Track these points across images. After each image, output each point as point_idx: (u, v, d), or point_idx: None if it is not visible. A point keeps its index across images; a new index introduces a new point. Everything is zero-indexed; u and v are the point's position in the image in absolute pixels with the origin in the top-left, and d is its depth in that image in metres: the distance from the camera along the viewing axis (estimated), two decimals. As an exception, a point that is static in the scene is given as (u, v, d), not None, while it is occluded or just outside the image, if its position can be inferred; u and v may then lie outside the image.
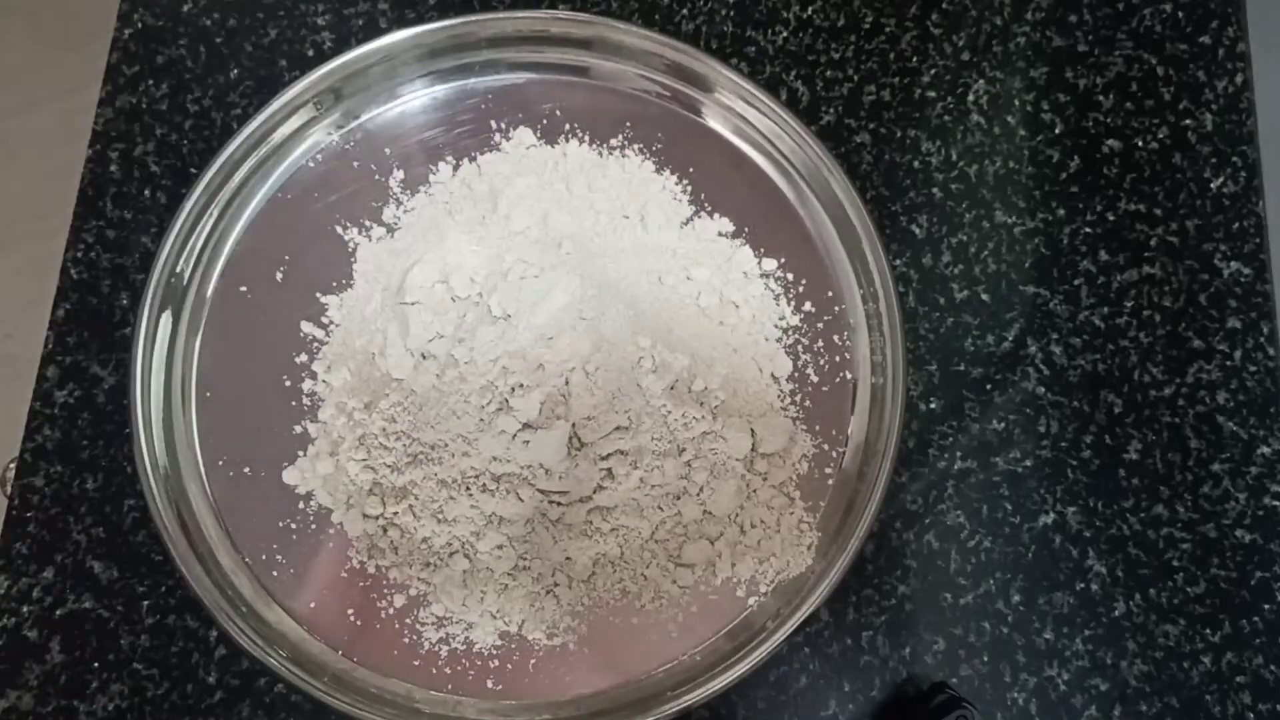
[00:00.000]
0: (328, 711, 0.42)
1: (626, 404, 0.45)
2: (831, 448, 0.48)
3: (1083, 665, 0.49)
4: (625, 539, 0.45)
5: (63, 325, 0.51)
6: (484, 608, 0.44)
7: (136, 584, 0.47)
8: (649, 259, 0.48)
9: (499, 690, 0.44)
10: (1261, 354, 0.53)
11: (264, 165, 0.49)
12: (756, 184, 0.51)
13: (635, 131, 0.51)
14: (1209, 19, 0.58)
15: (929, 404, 0.52)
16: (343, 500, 0.45)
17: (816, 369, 0.49)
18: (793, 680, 0.48)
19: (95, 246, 0.52)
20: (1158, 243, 0.55)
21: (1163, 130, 0.56)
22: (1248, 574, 0.50)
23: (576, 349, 0.45)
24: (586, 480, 0.45)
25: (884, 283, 0.48)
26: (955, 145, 0.56)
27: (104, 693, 0.46)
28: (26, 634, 0.47)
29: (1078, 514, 0.51)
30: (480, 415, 0.44)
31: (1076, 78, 0.57)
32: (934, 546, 0.50)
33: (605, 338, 0.46)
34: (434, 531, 0.44)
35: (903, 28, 0.57)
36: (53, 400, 0.49)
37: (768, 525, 0.46)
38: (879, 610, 0.49)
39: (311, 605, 0.45)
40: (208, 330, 0.48)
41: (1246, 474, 0.51)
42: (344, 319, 0.48)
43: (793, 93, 0.56)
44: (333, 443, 0.46)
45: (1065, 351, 0.53)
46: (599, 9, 0.57)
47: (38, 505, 0.48)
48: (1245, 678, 0.49)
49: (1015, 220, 0.55)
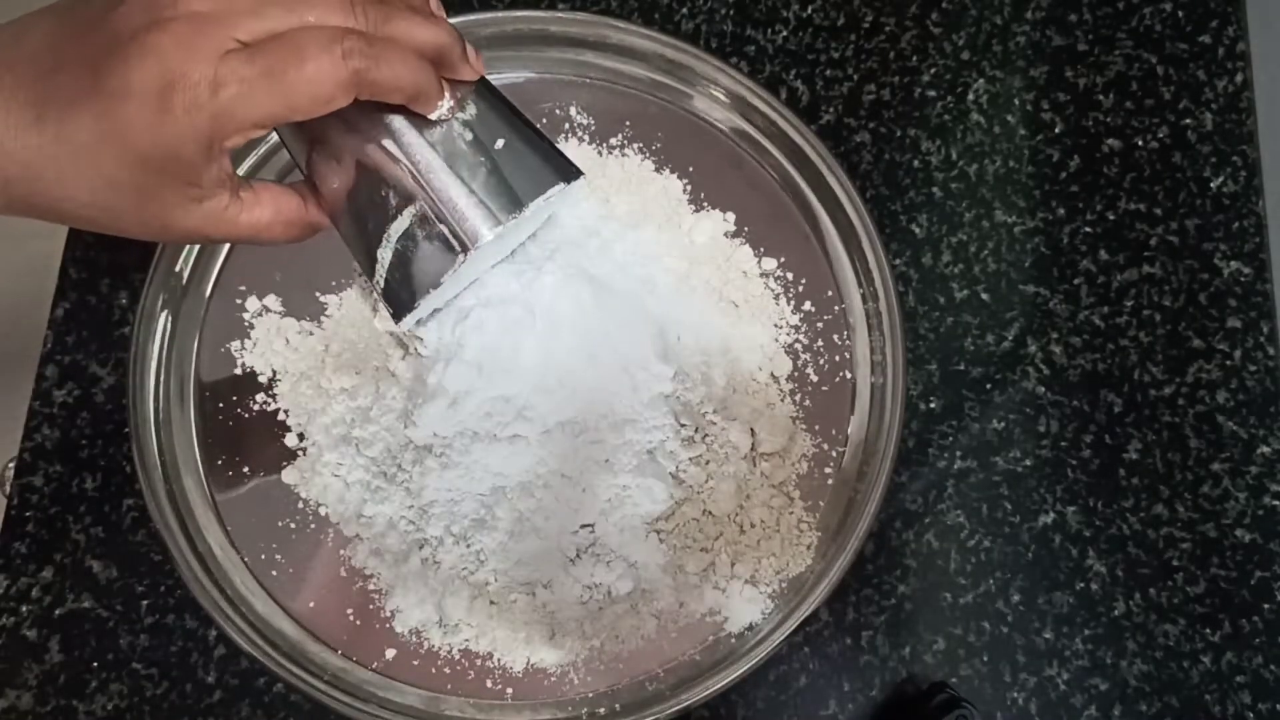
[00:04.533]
0: (326, 711, 0.42)
1: (626, 404, 0.45)
2: (831, 447, 0.48)
3: (1083, 665, 0.49)
4: (625, 539, 0.45)
5: (62, 325, 0.50)
6: (484, 608, 0.44)
7: (135, 584, 0.47)
8: (648, 259, 0.48)
9: (499, 690, 0.44)
10: (1261, 354, 0.53)
11: (264, 164, 0.49)
12: (756, 183, 0.51)
13: (635, 131, 0.51)
14: (1209, 18, 0.58)
15: (929, 404, 0.52)
16: (341, 500, 0.45)
17: (816, 369, 0.49)
18: (793, 680, 0.48)
19: (94, 246, 0.52)
20: (1158, 242, 0.55)
21: (1163, 130, 0.56)
22: (1248, 574, 0.50)
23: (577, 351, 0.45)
24: (586, 480, 0.44)
25: (884, 282, 0.48)
26: (955, 144, 0.56)
27: (103, 692, 0.46)
28: (26, 633, 0.47)
29: (1078, 514, 0.51)
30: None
31: (1076, 77, 0.57)
32: (934, 546, 0.50)
33: (603, 338, 0.46)
34: (433, 533, 0.44)
35: (902, 27, 0.57)
36: (52, 399, 0.49)
37: (767, 525, 0.46)
38: (879, 610, 0.49)
39: (310, 605, 0.45)
40: (208, 330, 0.48)
41: (1246, 474, 0.51)
42: (343, 319, 0.47)
43: (792, 92, 0.56)
44: (333, 443, 0.45)
45: (1065, 351, 0.53)
46: (599, 9, 0.57)
47: (37, 505, 0.48)
48: (1245, 677, 0.49)
49: (1015, 220, 0.55)
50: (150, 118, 0.28)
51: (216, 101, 0.28)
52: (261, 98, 0.28)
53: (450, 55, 0.33)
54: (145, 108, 0.27)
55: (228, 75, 0.28)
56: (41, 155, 0.28)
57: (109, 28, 0.28)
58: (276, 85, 0.28)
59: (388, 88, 0.30)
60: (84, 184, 0.29)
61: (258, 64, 0.28)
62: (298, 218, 0.35)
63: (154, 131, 0.28)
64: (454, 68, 0.34)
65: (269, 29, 0.28)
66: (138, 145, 0.28)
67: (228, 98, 0.28)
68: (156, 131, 0.28)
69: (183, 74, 0.27)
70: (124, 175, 0.29)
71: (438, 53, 0.33)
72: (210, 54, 0.28)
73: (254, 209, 0.33)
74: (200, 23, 0.28)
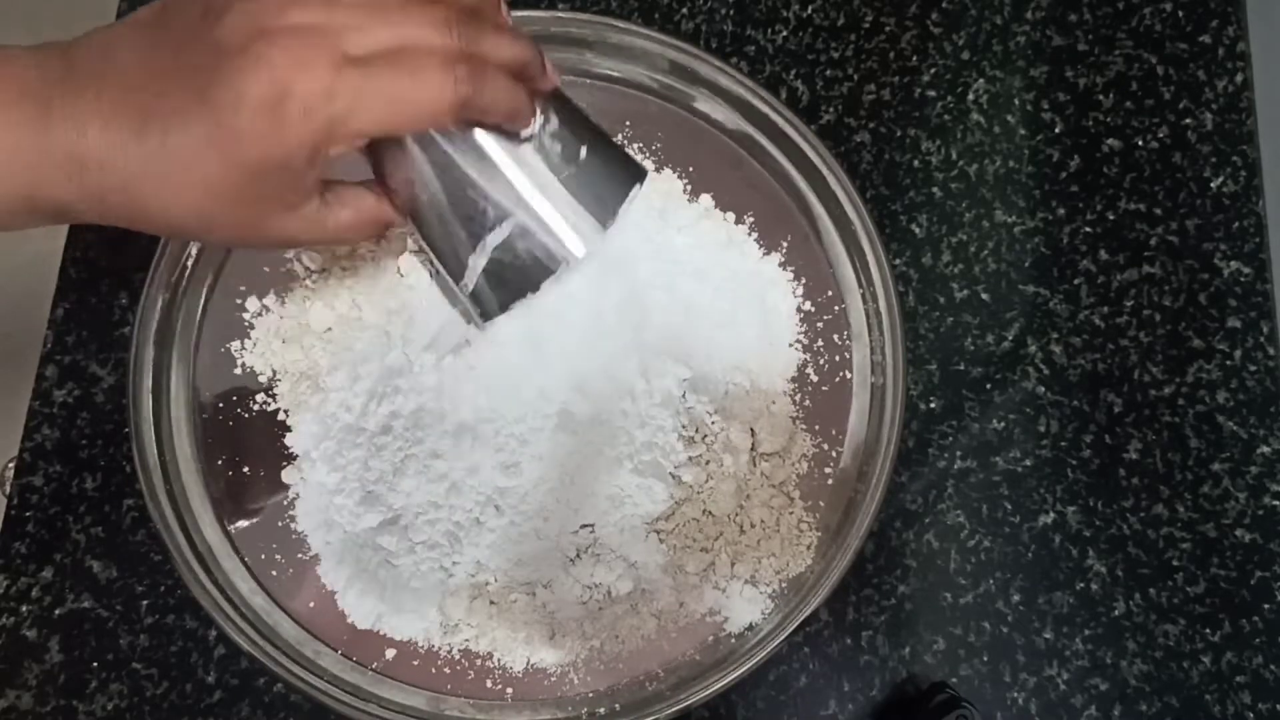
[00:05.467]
0: (326, 711, 0.42)
1: (626, 404, 0.45)
2: (831, 447, 0.48)
3: (1083, 665, 0.49)
4: (625, 539, 0.45)
5: (62, 325, 0.50)
6: (484, 608, 0.44)
7: (135, 584, 0.47)
8: (647, 258, 0.48)
9: (499, 690, 0.44)
10: (1261, 353, 0.53)
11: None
12: (756, 184, 0.51)
13: (635, 131, 0.51)
14: (1209, 18, 0.58)
15: (929, 404, 0.52)
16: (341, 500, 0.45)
17: (816, 369, 0.49)
18: (792, 680, 0.48)
19: (94, 246, 0.52)
20: (1158, 242, 0.55)
21: (1163, 130, 0.56)
22: (1248, 574, 0.50)
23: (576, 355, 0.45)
24: (586, 480, 0.44)
25: (884, 282, 0.48)
26: (955, 144, 0.56)
27: (103, 692, 0.46)
28: (25, 633, 0.47)
29: (1078, 514, 0.51)
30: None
31: (1076, 77, 0.57)
32: (934, 546, 0.50)
33: (604, 338, 0.46)
34: (431, 534, 0.44)
35: (902, 27, 0.57)
36: (52, 399, 0.49)
37: (767, 525, 0.46)
38: (879, 610, 0.49)
39: (311, 605, 0.45)
40: (207, 330, 0.48)
41: (1246, 474, 0.51)
42: (343, 319, 0.47)
43: (792, 92, 0.56)
44: (333, 443, 0.45)
45: (1065, 351, 0.53)
46: (599, 9, 0.57)
47: (37, 505, 0.48)
48: (1245, 677, 0.49)
49: (1015, 219, 0.55)
50: (263, 128, 0.28)
51: (330, 111, 0.28)
52: (374, 111, 0.29)
53: (533, 69, 0.34)
54: (258, 119, 0.28)
55: (341, 88, 0.28)
56: (144, 167, 0.29)
57: (211, 39, 0.28)
58: (390, 102, 0.29)
59: (489, 111, 0.32)
60: (184, 193, 0.29)
61: (372, 79, 0.29)
62: (376, 217, 0.36)
63: (266, 141, 0.28)
64: (536, 80, 0.35)
65: (374, 44, 0.29)
66: (247, 155, 0.28)
67: (341, 109, 0.28)
68: (269, 141, 0.28)
69: (296, 85, 0.28)
70: (227, 184, 0.29)
71: (523, 67, 0.34)
72: (323, 66, 0.28)
73: (340, 211, 0.34)
74: (308, 35, 0.28)
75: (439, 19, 0.30)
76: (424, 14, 0.30)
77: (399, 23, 0.30)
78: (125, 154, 0.28)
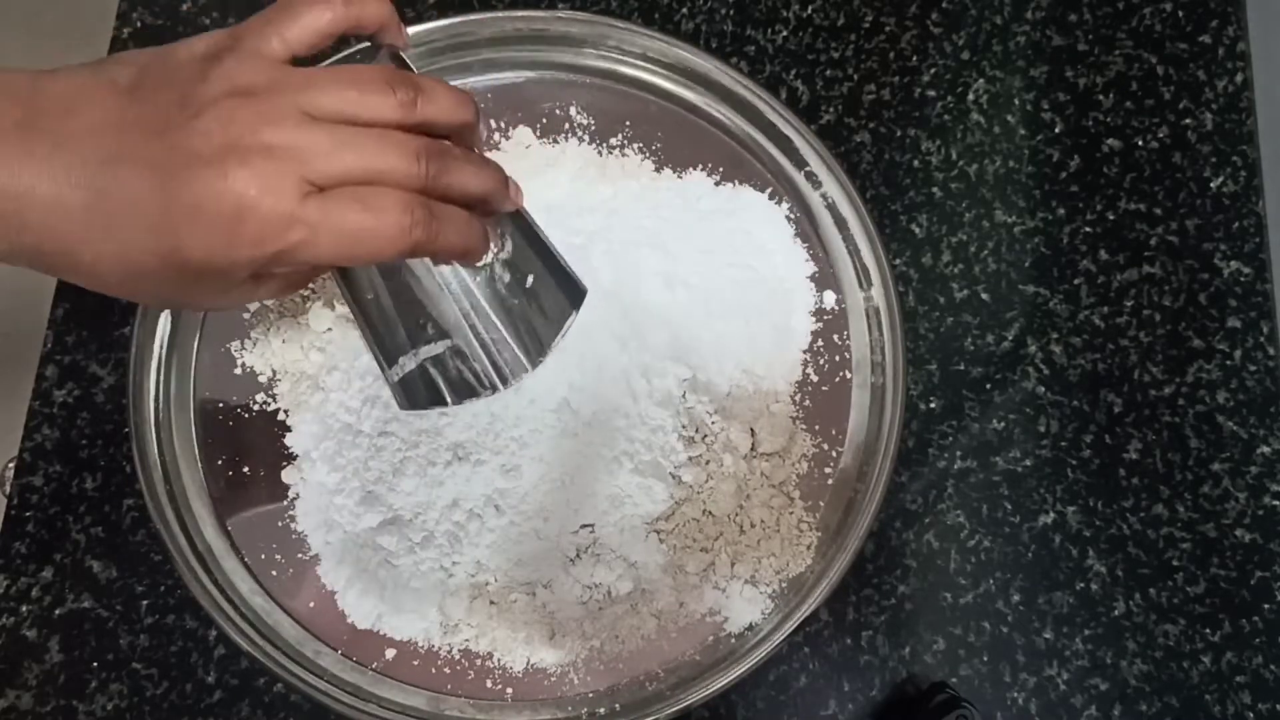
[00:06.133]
0: (326, 711, 0.42)
1: (626, 404, 0.45)
2: (831, 447, 0.48)
3: (1083, 665, 0.49)
4: (625, 539, 0.45)
5: (62, 324, 0.50)
6: (484, 608, 0.44)
7: (135, 584, 0.47)
8: (648, 258, 0.48)
9: (499, 690, 0.44)
10: (1261, 353, 0.53)
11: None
12: (756, 184, 0.51)
13: (635, 131, 0.51)
14: (1209, 18, 0.58)
15: (929, 404, 0.52)
16: (341, 500, 0.45)
17: (816, 369, 0.49)
18: (792, 680, 0.48)
19: (94, 246, 0.51)
20: (1158, 242, 0.55)
21: (1163, 130, 0.56)
22: (1248, 574, 0.50)
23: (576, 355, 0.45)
24: (586, 480, 0.44)
25: (884, 283, 0.48)
26: (955, 144, 0.56)
27: (103, 692, 0.46)
28: (26, 633, 0.47)
29: (1078, 514, 0.51)
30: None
31: (1076, 77, 0.57)
32: (934, 546, 0.50)
33: (604, 339, 0.46)
34: (431, 534, 0.44)
35: (902, 27, 0.57)
36: (52, 399, 0.49)
37: (767, 525, 0.46)
38: (879, 610, 0.49)
39: (311, 605, 0.45)
40: (207, 330, 0.48)
41: (1246, 474, 0.51)
42: (342, 319, 0.47)
43: (792, 92, 0.56)
44: (333, 443, 0.45)
45: (1065, 351, 0.53)
46: (599, 9, 0.57)
47: (37, 505, 0.48)
48: (1245, 677, 0.49)
49: (1015, 219, 0.55)
50: (214, 242, 0.28)
51: (283, 241, 0.29)
52: (326, 246, 0.29)
53: (497, 199, 0.34)
54: (212, 233, 0.28)
55: (301, 219, 0.28)
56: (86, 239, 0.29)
57: (182, 137, 0.28)
58: (343, 238, 0.29)
59: (443, 251, 0.32)
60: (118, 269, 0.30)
61: (331, 215, 0.29)
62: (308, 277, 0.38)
63: (213, 254, 0.29)
64: (500, 206, 0.35)
65: (340, 170, 0.29)
66: (190, 259, 0.29)
67: (295, 240, 0.29)
68: (215, 254, 0.29)
69: (257, 209, 0.28)
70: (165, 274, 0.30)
71: (487, 198, 0.34)
72: (286, 194, 0.28)
73: (269, 282, 0.34)
74: (278, 159, 0.28)
75: (409, 150, 0.30)
76: (396, 145, 0.30)
77: (370, 152, 0.30)
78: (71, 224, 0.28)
